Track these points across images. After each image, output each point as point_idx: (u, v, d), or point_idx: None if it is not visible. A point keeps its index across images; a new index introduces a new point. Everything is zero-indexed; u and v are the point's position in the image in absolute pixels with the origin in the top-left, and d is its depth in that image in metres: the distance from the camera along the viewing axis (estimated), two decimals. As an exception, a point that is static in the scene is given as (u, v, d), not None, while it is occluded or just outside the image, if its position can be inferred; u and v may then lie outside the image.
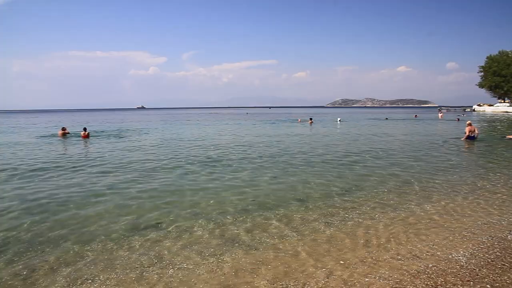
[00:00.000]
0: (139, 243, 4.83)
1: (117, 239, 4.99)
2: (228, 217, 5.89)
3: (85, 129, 21.50)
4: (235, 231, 5.26)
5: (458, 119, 42.52)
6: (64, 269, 4.08)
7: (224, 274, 3.90)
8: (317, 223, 5.53)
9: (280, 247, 4.64)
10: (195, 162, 11.72)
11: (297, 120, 43.37)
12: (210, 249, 4.59)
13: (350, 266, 4.02)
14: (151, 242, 4.86)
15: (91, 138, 21.03)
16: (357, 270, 3.91)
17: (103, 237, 5.06)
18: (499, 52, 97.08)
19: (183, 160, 12.11)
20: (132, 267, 4.08)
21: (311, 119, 38.57)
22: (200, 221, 5.68)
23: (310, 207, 6.39)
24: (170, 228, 5.42)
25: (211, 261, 4.23)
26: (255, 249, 4.57)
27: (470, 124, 17.35)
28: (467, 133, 17.17)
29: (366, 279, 3.69)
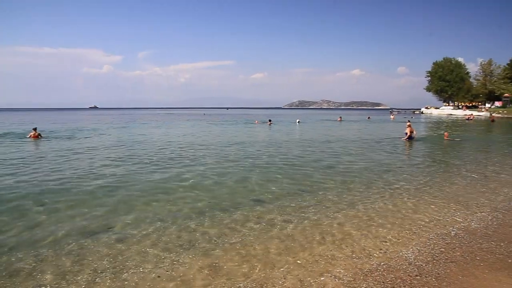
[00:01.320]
0: (91, 248, 4.63)
1: (67, 244, 4.75)
2: (184, 218, 5.81)
3: (35, 129, 20.15)
4: (192, 232, 5.19)
5: (409, 121, 44.59)
6: (7, 280, 3.83)
7: (180, 276, 3.84)
8: (273, 223, 5.59)
9: (238, 247, 4.65)
10: (149, 163, 11.49)
11: (255, 121, 43.46)
12: (166, 251, 4.50)
13: (306, 265, 4.10)
14: (103, 246, 4.67)
15: (41, 139, 19.65)
16: (313, 269, 4.00)
17: (50, 243, 4.79)
18: (444, 59, 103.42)
19: (137, 162, 11.82)
20: (84, 273, 3.91)
21: (270, 120, 38.68)
22: (155, 223, 5.55)
23: (267, 207, 6.45)
24: (124, 231, 5.24)
25: (167, 263, 4.15)
26: (212, 250, 4.54)
27: (409, 126, 18.98)
28: (408, 134, 18.62)
29: (322, 278, 3.78)
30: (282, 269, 4.01)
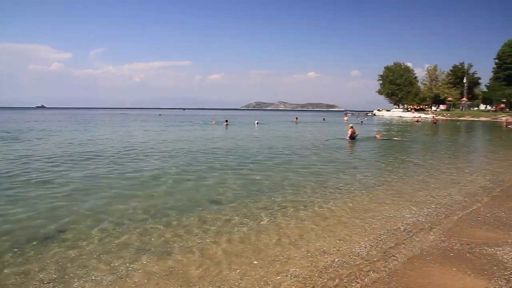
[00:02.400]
0: (36, 256, 4.36)
1: (9, 253, 4.45)
2: (139, 221, 5.66)
3: None
4: (147, 236, 5.05)
5: (362, 122, 46.59)
6: None
7: (135, 282, 3.72)
8: (231, 224, 5.57)
9: (194, 250, 4.58)
10: (102, 164, 11.05)
11: (212, 122, 43.19)
12: (119, 257, 4.33)
13: (263, 265, 4.11)
14: (50, 254, 4.42)
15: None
16: (270, 269, 4.02)
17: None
18: (394, 64, 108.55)
19: (89, 163, 11.33)
20: (29, 285, 3.67)
21: (226, 121, 38.66)
22: (108, 227, 5.35)
23: (224, 208, 6.41)
24: (73, 237, 5.00)
25: (121, 270, 4.00)
26: (168, 254, 4.45)
27: (351, 128, 20.34)
28: (350, 134, 19.93)
29: (278, 277, 3.81)
30: (238, 270, 4.00)
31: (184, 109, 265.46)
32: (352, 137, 19.80)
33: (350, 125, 21.01)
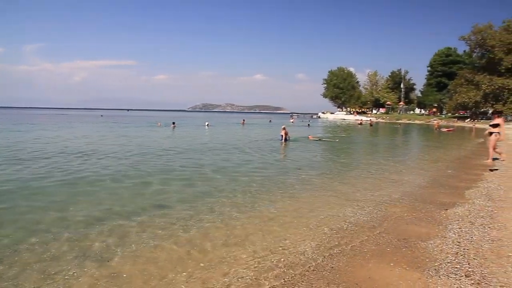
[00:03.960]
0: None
1: None
2: (78, 227, 5.39)
3: None
4: (87, 243, 4.82)
5: (309, 125, 48.06)
6: None
7: (74, 292, 3.53)
8: (176, 227, 5.47)
9: (138, 254, 4.45)
10: (38, 168, 10.38)
11: (157, 123, 42.16)
12: (57, 266, 4.08)
13: (209, 267, 4.09)
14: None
15: None
16: (217, 271, 4.00)
17: None
18: (338, 68, 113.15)
19: (23, 167, 10.59)
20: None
21: (173, 123, 38.04)
22: (44, 234, 5.03)
23: (169, 211, 6.29)
24: (4, 246, 4.64)
25: (58, 279, 3.77)
26: (110, 260, 4.27)
27: (284, 129, 21.37)
28: (284, 136, 20.85)
29: (225, 279, 3.80)
30: (184, 273, 3.94)
31: (128, 110, 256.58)
32: (285, 138, 20.86)
33: (283, 126, 22.18)
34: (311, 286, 3.60)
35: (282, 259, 4.28)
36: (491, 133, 12.13)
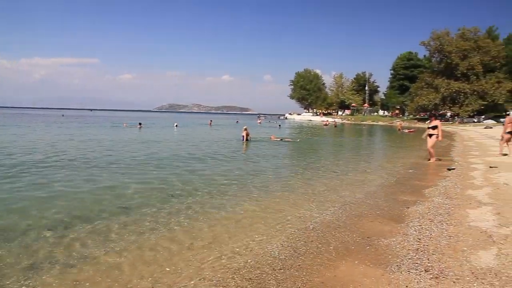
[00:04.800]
0: None
1: None
2: (39, 232, 5.17)
3: None
4: (47, 249, 4.63)
5: (280, 126, 48.71)
6: None
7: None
8: (140, 230, 5.37)
9: (101, 260, 4.32)
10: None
11: (123, 124, 41.17)
12: (13, 275, 3.89)
13: (176, 272, 4.03)
14: None
15: None
16: (183, 274, 3.95)
17: None
18: (304, 70, 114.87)
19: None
20: None
21: (140, 124, 37.47)
22: None
23: (133, 215, 6.16)
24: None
25: (14, 288, 3.60)
26: (72, 267, 4.13)
27: (245, 130, 22.02)
28: (245, 136, 21.51)
29: (192, 282, 3.76)
30: (150, 278, 3.86)
31: (91, 109, 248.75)
32: (246, 139, 21.51)
33: (244, 127, 22.80)
34: (278, 285, 3.62)
35: (249, 260, 4.29)
36: (430, 135, 12.73)
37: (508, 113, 17.96)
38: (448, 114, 71.18)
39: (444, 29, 70.02)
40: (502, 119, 60.70)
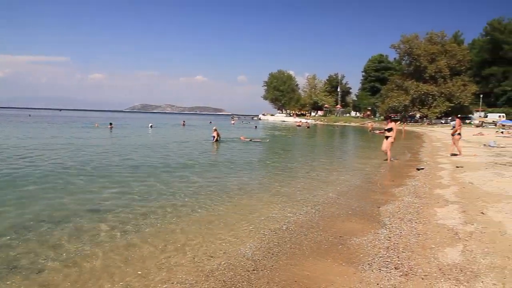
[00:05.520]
0: None
1: None
2: (2, 237, 4.94)
3: None
4: (11, 253, 4.45)
5: (256, 127, 48.87)
6: None
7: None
8: (112, 233, 5.25)
9: (70, 264, 4.19)
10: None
11: (95, 124, 40.18)
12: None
13: (148, 275, 3.95)
14: None
15: None
16: (155, 278, 3.88)
17: None
18: (278, 71, 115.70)
19: None
20: None
21: (111, 124, 36.72)
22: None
23: (104, 217, 6.01)
24: None
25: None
26: (39, 272, 3.98)
27: (215, 130, 22.29)
28: (216, 137, 21.68)
29: (165, 286, 3.70)
30: (121, 283, 3.78)
31: (61, 109, 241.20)
32: (216, 139, 21.68)
33: (214, 128, 23.24)
34: (252, 286, 3.62)
35: (223, 262, 4.26)
36: (387, 137, 13.13)
37: (458, 116, 18.88)
38: (417, 115, 73.49)
39: (413, 33, 72.29)
40: (467, 121, 63.41)
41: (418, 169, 11.25)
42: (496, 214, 5.55)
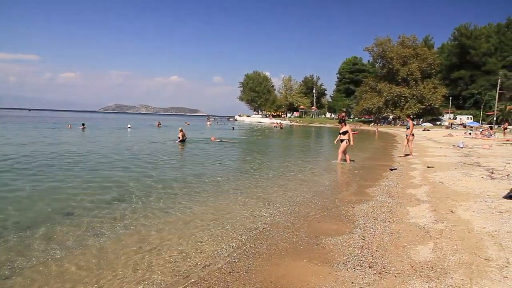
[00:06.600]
0: None
1: None
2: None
3: None
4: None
5: (233, 128, 48.71)
6: None
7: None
8: (85, 236, 5.12)
9: (41, 269, 4.06)
10: None
11: (68, 126, 39.11)
12: None
13: (123, 276, 3.89)
14: None
15: None
16: (130, 279, 3.82)
17: None
18: (254, 72, 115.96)
19: None
20: None
21: (83, 124, 36.01)
22: None
23: (77, 220, 5.86)
24: None
25: None
26: (7, 278, 3.84)
27: (181, 131, 22.19)
28: (181, 137, 21.60)
29: (140, 287, 3.64)
30: (95, 285, 3.70)
31: (30, 110, 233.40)
32: (182, 140, 21.51)
33: (180, 128, 23.17)
34: (228, 287, 3.61)
35: (199, 263, 4.24)
36: (342, 140, 13.44)
37: (412, 117, 19.65)
38: (391, 117, 75.32)
39: (386, 36, 74.12)
40: (438, 122, 65.46)
41: (392, 170, 11.53)
42: (465, 212, 5.76)
